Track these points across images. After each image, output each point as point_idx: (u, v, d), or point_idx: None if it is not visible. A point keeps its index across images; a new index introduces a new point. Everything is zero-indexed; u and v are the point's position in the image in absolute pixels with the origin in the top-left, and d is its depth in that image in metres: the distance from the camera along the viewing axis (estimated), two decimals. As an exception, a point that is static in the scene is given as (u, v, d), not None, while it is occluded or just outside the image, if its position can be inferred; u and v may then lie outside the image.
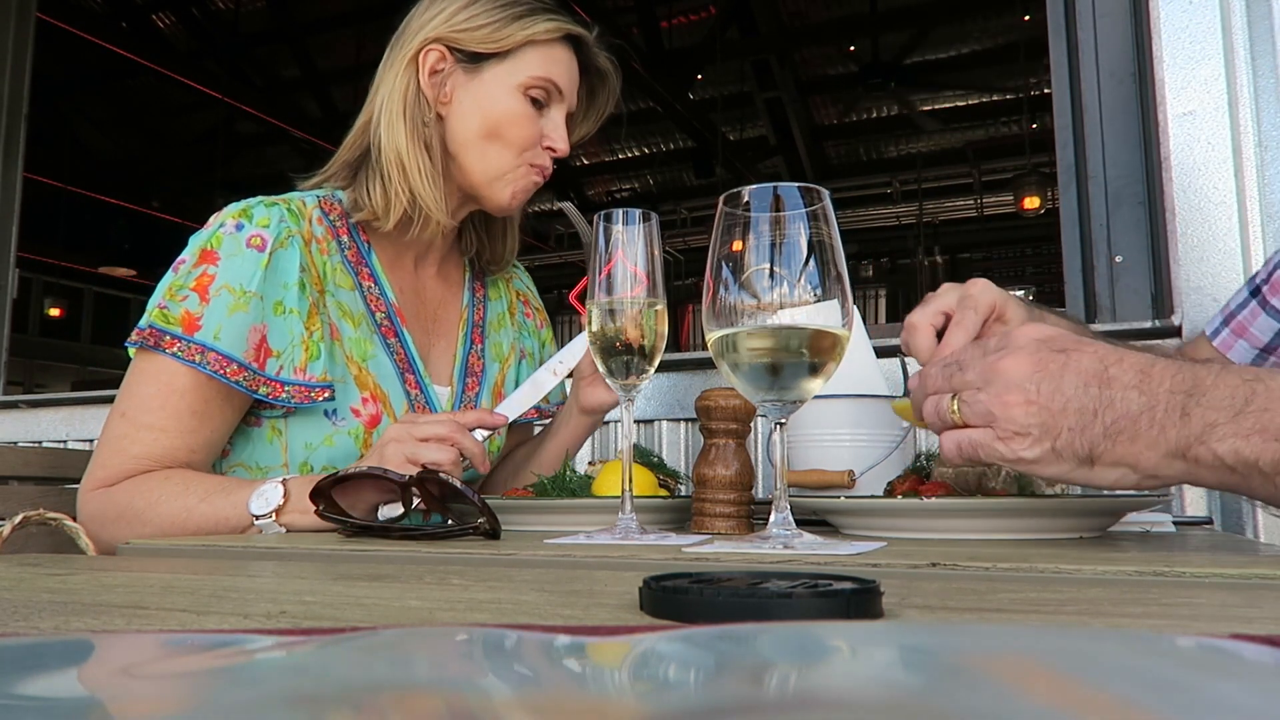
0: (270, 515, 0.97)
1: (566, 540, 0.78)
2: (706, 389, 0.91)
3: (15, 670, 0.23)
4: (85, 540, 0.92)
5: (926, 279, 11.52)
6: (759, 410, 0.76)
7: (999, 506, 0.80)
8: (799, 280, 0.67)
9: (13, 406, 2.71)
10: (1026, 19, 7.69)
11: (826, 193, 0.69)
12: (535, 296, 1.52)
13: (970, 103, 9.83)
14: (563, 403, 1.43)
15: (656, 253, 0.85)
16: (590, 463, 1.43)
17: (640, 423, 2.07)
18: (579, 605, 0.43)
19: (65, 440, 2.58)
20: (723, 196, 0.70)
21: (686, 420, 2.06)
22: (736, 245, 0.69)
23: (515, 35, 1.17)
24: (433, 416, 1.09)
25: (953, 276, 11.58)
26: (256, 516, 0.98)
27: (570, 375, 1.21)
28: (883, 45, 8.80)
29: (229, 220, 1.12)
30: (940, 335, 0.89)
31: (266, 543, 0.84)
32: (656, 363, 0.86)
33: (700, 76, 9.25)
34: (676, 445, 2.06)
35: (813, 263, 0.68)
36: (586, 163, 11.56)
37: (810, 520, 0.91)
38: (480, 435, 1.06)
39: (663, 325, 0.85)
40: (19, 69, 3.26)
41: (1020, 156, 9.36)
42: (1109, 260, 1.77)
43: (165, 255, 1.14)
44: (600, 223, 0.85)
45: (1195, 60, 1.67)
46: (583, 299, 0.88)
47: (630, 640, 0.28)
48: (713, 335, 0.70)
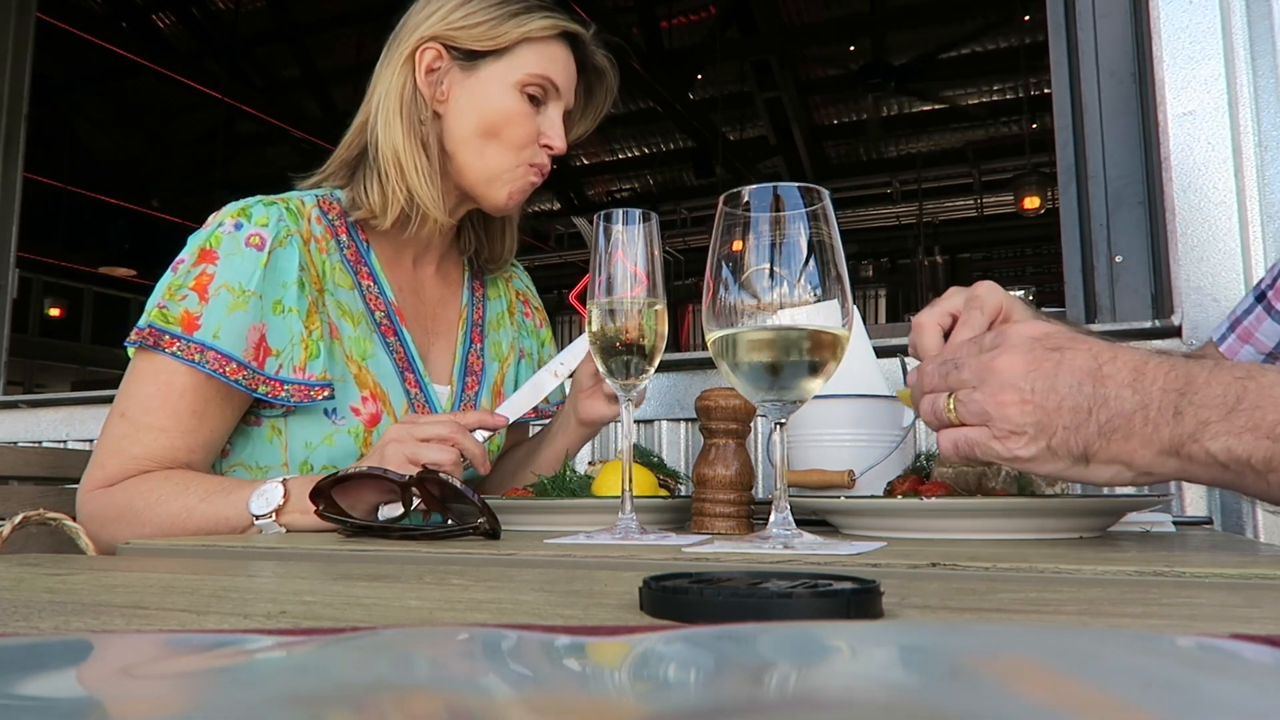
0: (270, 515, 0.97)
1: (566, 540, 0.78)
2: (706, 389, 0.91)
3: (15, 670, 0.23)
4: (85, 540, 0.92)
5: (926, 279, 11.52)
6: (759, 410, 0.76)
7: (999, 506, 0.80)
8: (799, 280, 0.67)
9: (13, 406, 2.71)
10: (1026, 19, 7.69)
11: (826, 193, 0.69)
12: (535, 296, 1.52)
13: (970, 103, 9.83)
14: (562, 402, 1.42)
15: (656, 253, 0.85)
16: (590, 463, 1.43)
17: (640, 423, 2.07)
18: (579, 605, 0.43)
19: (65, 440, 2.58)
20: (723, 196, 0.70)
21: (686, 420, 2.06)
22: (736, 245, 0.69)
23: (511, 33, 1.17)
24: (433, 417, 1.09)
25: (953, 276, 11.59)
26: (256, 516, 0.98)
27: (571, 375, 1.21)
28: (883, 45, 8.80)
29: (227, 219, 1.12)
30: (947, 337, 0.89)
31: (266, 543, 0.84)
32: (656, 363, 0.86)
33: (700, 76, 9.25)
34: (676, 445, 2.06)
35: (813, 263, 0.68)
36: (586, 163, 11.56)
37: (810, 520, 0.91)
38: (481, 436, 1.06)
39: (663, 325, 0.85)
40: (19, 69, 3.26)
41: (1020, 156, 9.36)
42: (1109, 260, 1.77)
43: (165, 255, 1.14)
44: (600, 223, 0.85)
45: (1195, 60, 1.67)
46: (583, 299, 0.88)
47: (630, 640, 0.28)
48: (713, 335, 0.70)
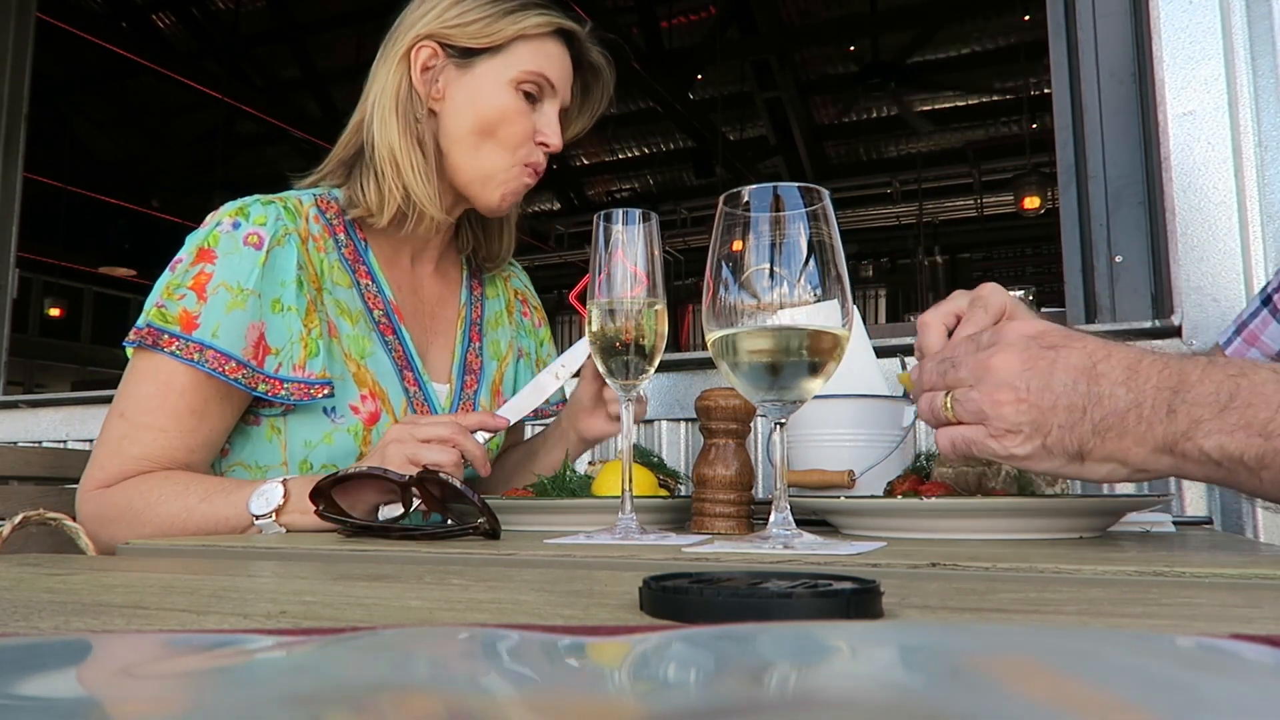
0: (270, 515, 0.97)
1: (566, 540, 0.78)
2: (706, 389, 0.91)
3: (15, 670, 0.23)
4: (85, 540, 0.92)
5: (926, 279, 11.51)
6: (759, 410, 0.76)
7: (999, 506, 0.80)
8: (799, 280, 0.67)
9: (13, 406, 2.71)
10: (1026, 19, 7.69)
11: (826, 193, 0.69)
12: (533, 295, 1.52)
13: (970, 103, 9.83)
14: (562, 402, 1.42)
15: (656, 253, 0.85)
16: (590, 463, 1.43)
17: (640, 423, 2.07)
18: (579, 605, 0.43)
19: (65, 440, 2.58)
20: (723, 196, 0.70)
21: (686, 420, 2.06)
22: (736, 245, 0.69)
23: (506, 30, 1.17)
24: (435, 418, 1.09)
25: (953, 276, 11.59)
26: (256, 516, 0.98)
27: (576, 375, 1.21)
28: (883, 45, 8.80)
29: (225, 219, 1.12)
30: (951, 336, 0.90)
31: (266, 543, 0.84)
32: (656, 363, 0.86)
33: (700, 76, 9.24)
34: (676, 445, 2.06)
35: (813, 263, 0.68)
36: (586, 163, 11.56)
37: (810, 520, 0.91)
38: (482, 438, 1.06)
39: (663, 325, 0.85)
40: (19, 69, 3.26)
41: (1020, 156, 9.35)
42: (1109, 260, 1.77)
43: (165, 255, 1.13)
44: (600, 223, 0.85)
45: (1195, 60, 1.67)
46: (583, 299, 0.88)
47: (630, 640, 0.28)
48: (713, 335, 0.70)
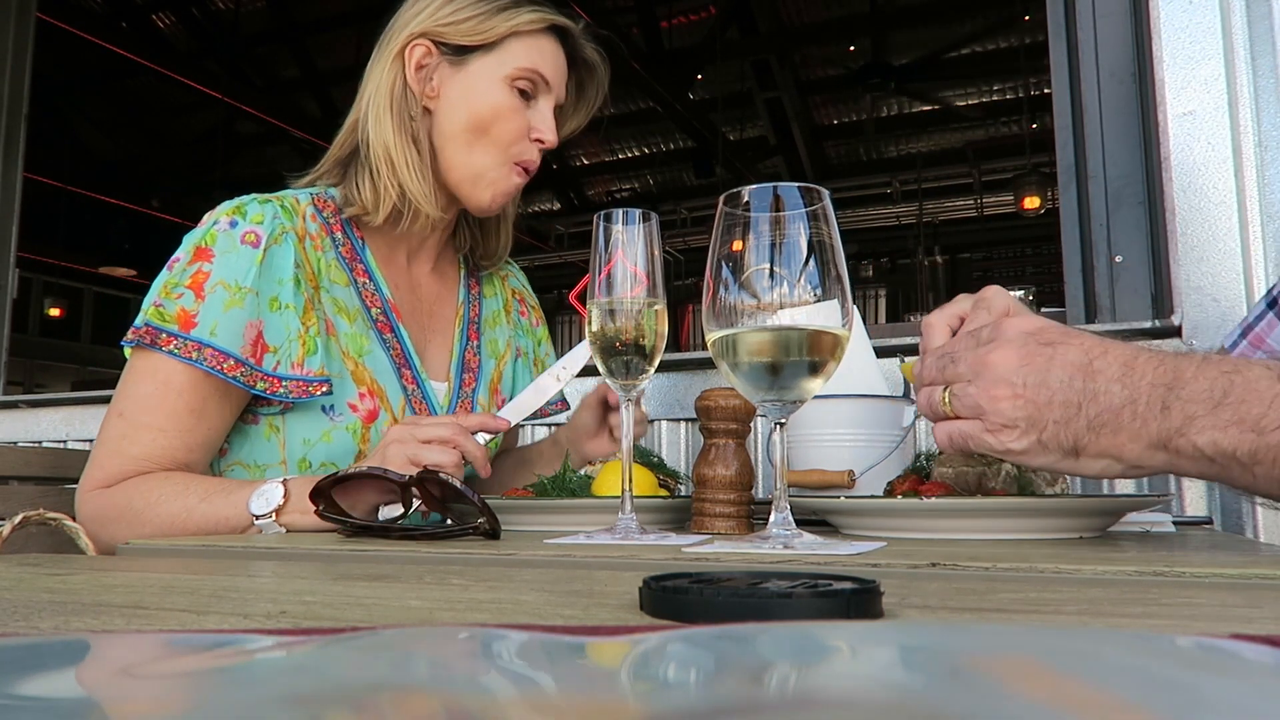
0: (270, 515, 0.97)
1: (566, 540, 0.78)
2: (706, 389, 0.91)
3: (15, 670, 0.23)
4: (85, 540, 0.92)
5: (926, 279, 11.51)
6: (759, 410, 0.76)
7: (999, 506, 0.80)
8: (799, 280, 0.67)
9: (13, 406, 2.71)
10: (1026, 19, 7.69)
11: (826, 193, 0.69)
12: (531, 295, 1.52)
13: (970, 103, 9.83)
14: (561, 401, 1.43)
15: (656, 253, 0.85)
16: (590, 463, 1.43)
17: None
18: (579, 605, 0.43)
19: (65, 440, 2.58)
20: (723, 196, 0.70)
21: (686, 420, 2.05)
22: (736, 245, 0.69)
23: (499, 27, 1.17)
24: (436, 419, 1.09)
25: (953, 276, 11.59)
26: (256, 516, 0.98)
27: (579, 374, 1.21)
28: (883, 45, 8.80)
29: (223, 217, 1.12)
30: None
31: (266, 543, 0.84)
32: (656, 363, 0.86)
33: (700, 76, 9.24)
34: (676, 445, 2.06)
35: (813, 263, 0.68)
36: (586, 163, 11.56)
37: (810, 520, 0.91)
38: (482, 439, 1.06)
39: (663, 325, 0.85)
40: (19, 69, 3.26)
41: (1020, 156, 9.35)
42: (1109, 260, 1.77)
43: (165, 255, 1.13)
44: (600, 223, 0.85)
45: (1195, 60, 1.67)
46: (583, 299, 0.88)
47: (630, 640, 0.28)
48: (713, 335, 0.70)
